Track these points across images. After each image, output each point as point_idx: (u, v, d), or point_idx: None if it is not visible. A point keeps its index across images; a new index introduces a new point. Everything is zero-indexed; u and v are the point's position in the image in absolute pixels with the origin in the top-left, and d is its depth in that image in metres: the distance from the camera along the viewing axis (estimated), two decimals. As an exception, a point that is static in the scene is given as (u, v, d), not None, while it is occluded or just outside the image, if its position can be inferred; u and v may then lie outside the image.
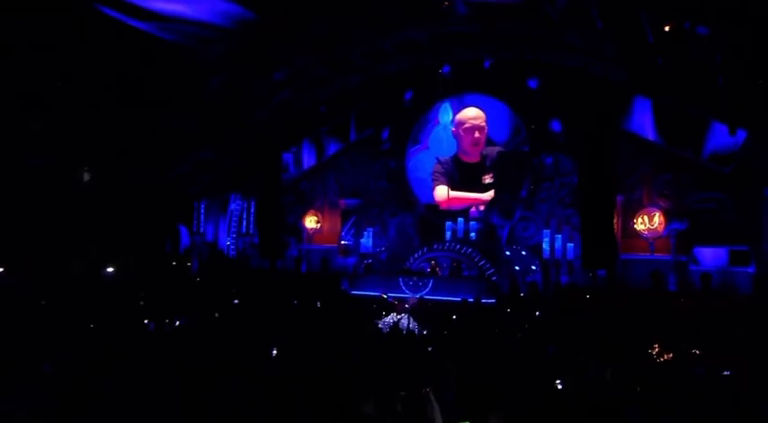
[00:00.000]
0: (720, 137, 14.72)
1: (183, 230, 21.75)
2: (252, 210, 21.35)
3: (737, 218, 14.75)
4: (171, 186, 20.38)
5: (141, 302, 13.37)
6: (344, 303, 13.87)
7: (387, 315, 10.78)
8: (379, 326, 9.99)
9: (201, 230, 21.91)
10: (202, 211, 22.05)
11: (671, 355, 8.31)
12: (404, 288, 15.90)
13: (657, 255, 15.64)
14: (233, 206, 21.98)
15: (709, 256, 14.99)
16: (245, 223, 21.67)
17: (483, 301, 14.71)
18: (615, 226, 14.48)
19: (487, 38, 16.46)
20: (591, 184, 14.07)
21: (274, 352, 7.31)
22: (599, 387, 6.94)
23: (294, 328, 9.14)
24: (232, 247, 21.93)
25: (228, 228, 22.04)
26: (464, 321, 11.48)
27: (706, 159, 15.14)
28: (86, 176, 18.79)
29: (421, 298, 15.04)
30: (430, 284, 15.80)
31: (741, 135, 14.29)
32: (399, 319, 10.60)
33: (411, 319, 10.96)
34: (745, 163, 14.45)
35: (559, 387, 6.92)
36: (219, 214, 22.12)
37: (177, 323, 9.85)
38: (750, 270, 14.46)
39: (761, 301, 13.58)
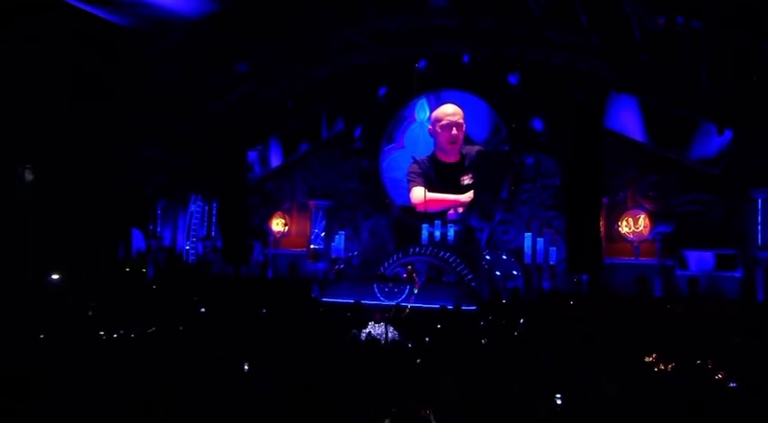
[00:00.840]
0: (708, 137, 14.78)
1: (137, 234, 20.98)
2: (214, 211, 20.70)
3: (725, 220, 14.79)
4: (124, 186, 19.62)
5: (91, 313, 12.69)
6: (317, 312, 13.39)
7: (366, 324, 10.32)
8: (361, 337, 9.55)
9: (158, 234, 21.22)
10: (159, 212, 21.34)
11: (671, 365, 8.11)
12: (379, 295, 15.58)
13: (642, 259, 15.57)
14: (193, 207, 21.28)
15: (696, 260, 15.00)
16: (206, 226, 21.06)
17: (463, 308, 14.51)
18: (601, 229, 14.37)
19: (468, 32, 16.22)
20: (576, 185, 13.92)
21: (246, 367, 6.82)
22: (602, 402, 6.66)
23: (266, 340, 8.64)
24: (192, 251, 21.25)
25: (188, 231, 21.31)
26: (449, 330, 11.16)
27: (693, 160, 15.16)
28: (28, 176, 17.90)
29: (397, 305, 14.68)
30: (406, 291, 15.49)
31: (728, 135, 14.38)
32: (374, 329, 10.14)
33: (390, 328, 10.56)
34: (733, 164, 14.51)
35: (559, 402, 6.63)
36: (178, 216, 21.47)
37: (132, 335, 9.23)
38: (737, 275, 14.52)
39: (749, 307, 13.67)
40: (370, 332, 9.67)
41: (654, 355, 8.87)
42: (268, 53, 17.31)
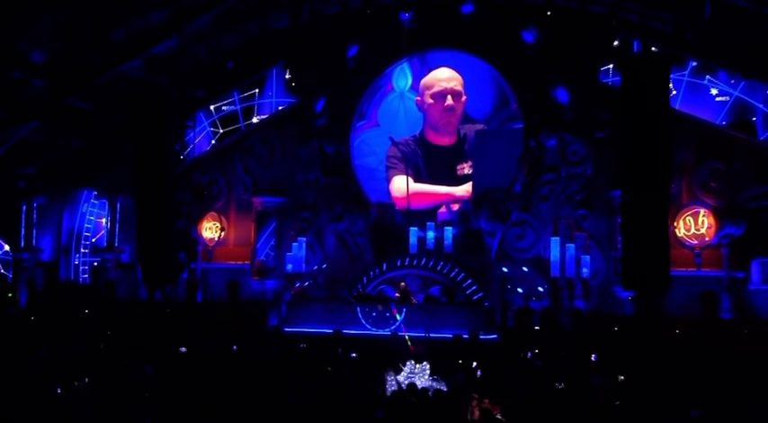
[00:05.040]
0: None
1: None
2: (118, 212, 19.00)
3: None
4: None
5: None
6: (300, 350, 11.39)
7: (391, 365, 8.46)
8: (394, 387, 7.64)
9: (34, 244, 19.59)
10: (35, 215, 19.72)
11: None
12: (364, 321, 14.18)
13: (705, 270, 14.56)
14: (85, 207, 19.93)
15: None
16: (107, 233, 19.29)
17: (481, 337, 13.20)
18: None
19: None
20: (635, 171, 12.57)
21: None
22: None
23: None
24: (84, 268, 19.89)
25: (78, 240, 19.87)
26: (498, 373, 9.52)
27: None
28: None
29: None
30: (402, 315, 13.96)
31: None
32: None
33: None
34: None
35: None
36: (63, 219, 19.90)
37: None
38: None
39: None
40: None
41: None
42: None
